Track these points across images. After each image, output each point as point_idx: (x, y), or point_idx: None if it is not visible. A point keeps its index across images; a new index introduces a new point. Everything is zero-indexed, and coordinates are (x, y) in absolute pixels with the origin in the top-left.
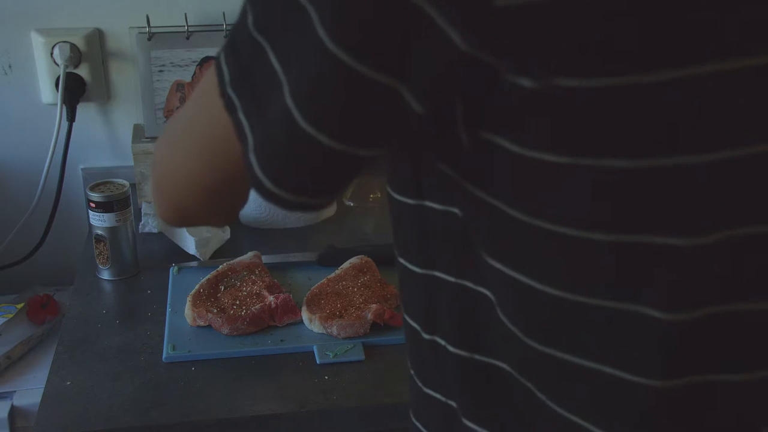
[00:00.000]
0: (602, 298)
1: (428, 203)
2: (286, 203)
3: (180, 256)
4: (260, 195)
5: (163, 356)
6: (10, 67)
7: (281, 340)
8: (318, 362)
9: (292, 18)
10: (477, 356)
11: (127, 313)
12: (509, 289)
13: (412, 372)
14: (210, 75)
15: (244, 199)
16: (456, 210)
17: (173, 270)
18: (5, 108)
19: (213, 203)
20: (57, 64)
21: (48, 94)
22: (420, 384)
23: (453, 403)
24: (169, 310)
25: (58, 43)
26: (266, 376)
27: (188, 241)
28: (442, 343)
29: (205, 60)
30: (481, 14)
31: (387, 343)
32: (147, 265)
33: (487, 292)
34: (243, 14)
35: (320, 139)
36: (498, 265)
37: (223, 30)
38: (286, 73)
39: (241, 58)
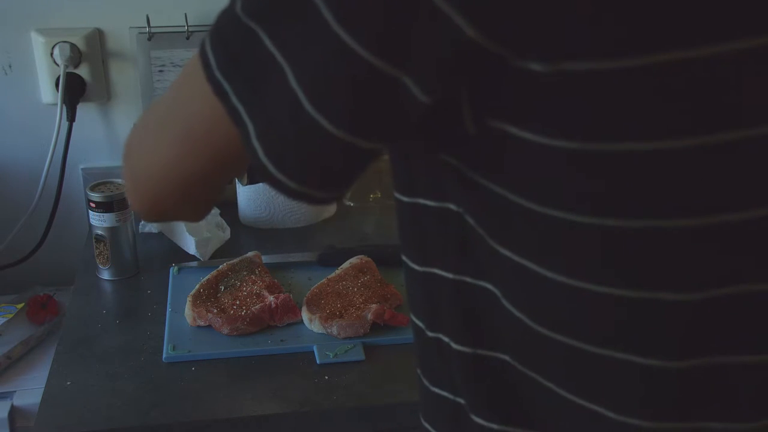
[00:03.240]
0: (613, 286)
1: (421, 201)
2: (290, 191)
3: (180, 256)
4: (265, 181)
5: (163, 356)
6: (10, 66)
7: (281, 340)
8: (318, 362)
9: (289, 2)
10: (480, 351)
11: (127, 313)
12: (517, 276)
13: (419, 371)
14: (193, 62)
15: (220, 191)
16: (451, 205)
17: (173, 270)
18: (5, 108)
19: (190, 194)
20: (57, 64)
21: (48, 94)
22: (427, 384)
23: (461, 400)
24: (169, 310)
25: (58, 43)
26: (266, 376)
27: (188, 241)
28: (446, 340)
29: None
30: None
31: (387, 343)
32: (147, 265)
33: (488, 285)
34: (231, 0)
35: (322, 124)
36: (506, 252)
37: None
38: (287, 58)
39: (229, 44)
